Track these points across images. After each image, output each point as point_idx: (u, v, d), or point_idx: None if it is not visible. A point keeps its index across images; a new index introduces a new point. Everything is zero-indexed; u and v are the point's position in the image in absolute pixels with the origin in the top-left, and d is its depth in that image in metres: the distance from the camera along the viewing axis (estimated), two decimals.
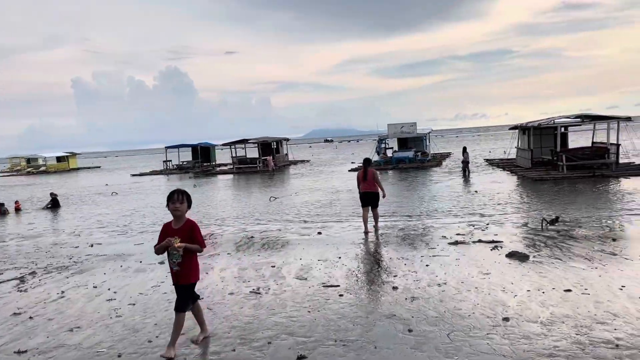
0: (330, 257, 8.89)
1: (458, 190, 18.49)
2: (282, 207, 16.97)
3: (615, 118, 21.92)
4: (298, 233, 12.00)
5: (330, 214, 14.59)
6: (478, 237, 10.01)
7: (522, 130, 26.83)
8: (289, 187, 24.15)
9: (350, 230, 11.83)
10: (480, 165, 29.39)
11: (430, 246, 9.33)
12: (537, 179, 20.25)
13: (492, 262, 7.78)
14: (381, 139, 35.51)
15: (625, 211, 12.03)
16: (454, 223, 11.95)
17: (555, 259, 7.76)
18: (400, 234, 10.97)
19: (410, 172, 27.82)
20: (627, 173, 20.04)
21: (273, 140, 43.05)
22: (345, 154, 57.21)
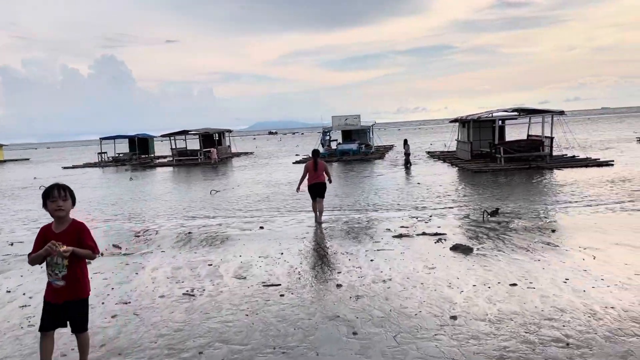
0: (272, 254, 8.45)
1: (401, 183, 18.52)
2: (224, 200, 16.33)
3: (549, 112, 22.73)
4: (239, 228, 11.47)
5: (274, 208, 14.14)
6: (422, 229, 9.88)
7: (462, 123, 27.36)
8: (232, 180, 23.43)
9: (293, 224, 11.43)
10: (422, 158, 29.78)
11: (375, 240, 9.08)
12: (477, 170, 20.65)
13: (437, 256, 7.62)
14: (325, 131, 35.32)
15: (561, 202, 12.34)
16: (398, 215, 11.82)
17: (498, 252, 7.70)
18: (345, 227, 10.69)
19: (355, 164, 27.77)
20: (560, 165, 20.81)
21: (215, 132, 41.88)
22: (290, 146, 56.73)
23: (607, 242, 7.92)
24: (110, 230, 12.26)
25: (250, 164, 33.49)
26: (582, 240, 8.13)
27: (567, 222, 9.91)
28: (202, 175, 26.86)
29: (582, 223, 9.71)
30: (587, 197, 12.80)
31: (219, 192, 18.53)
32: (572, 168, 19.96)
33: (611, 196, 12.66)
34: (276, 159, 36.63)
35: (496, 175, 19.11)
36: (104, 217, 14.21)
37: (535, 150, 22.34)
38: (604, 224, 9.49)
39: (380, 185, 17.92)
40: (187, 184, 23.13)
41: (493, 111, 24.62)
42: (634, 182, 14.79)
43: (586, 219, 10.07)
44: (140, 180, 26.48)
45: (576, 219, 10.21)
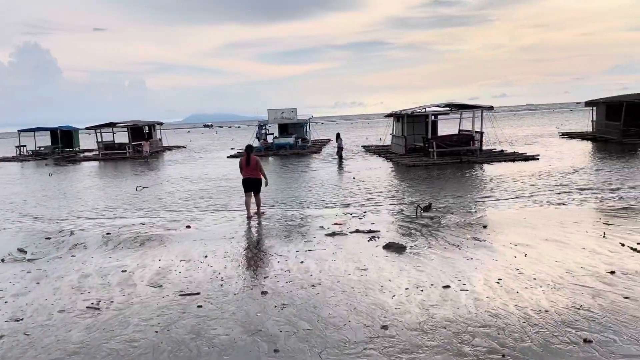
0: (195, 257, 7.81)
1: (337, 178, 18.25)
2: (151, 197, 15.35)
3: (479, 107, 23.25)
4: (164, 227, 10.70)
5: (203, 205, 13.39)
6: (355, 226, 9.56)
7: (396, 118, 27.52)
8: (160, 175, 22.26)
9: (222, 223, 10.79)
10: (357, 152, 29.76)
11: (307, 239, 8.65)
12: (411, 165, 20.76)
13: (370, 256, 7.29)
14: (261, 124, 34.51)
15: (491, 196, 12.46)
16: (333, 212, 11.47)
17: (431, 250, 7.48)
18: (277, 225, 10.19)
19: (291, 159, 27.27)
20: (489, 159, 21.32)
21: (145, 125, 39.97)
22: (225, 140, 55.35)
23: (537, 238, 7.92)
24: (20, 232, 11.11)
25: (182, 158, 32.16)
26: (513, 237, 8.09)
27: (498, 217, 9.93)
28: (129, 170, 25.41)
29: (511, 218, 9.75)
30: (515, 191, 13.02)
31: (145, 189, 17.47)
32: (501, 162, 20.50)
33: (537, 190, 12.95)
34: (210, 153, 35.45)
35: (429, 170, 19.27)
36: (14, 217, 12.91)
37: (466, 144, 22.79)
38: (533, 218, 9.57)
39: (316, 181, 17.55)
40: (112, 180, 21.72)
41: (426, 106, 24.89)
42: (557, 177, 15.27)
43: (515, 214, 10.14)
44: (61, 175, 24.65)
45: (506, 213, 10.27)
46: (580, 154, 22.31)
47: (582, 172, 16.01)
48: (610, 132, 27.67)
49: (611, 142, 26.40)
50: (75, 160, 35.02)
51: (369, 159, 25.52)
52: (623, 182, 13.56)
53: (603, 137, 28.00)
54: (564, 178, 14.88)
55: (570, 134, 33.44)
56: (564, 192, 12.41)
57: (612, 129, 27.52)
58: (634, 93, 29.96)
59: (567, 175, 15.37)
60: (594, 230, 8.28)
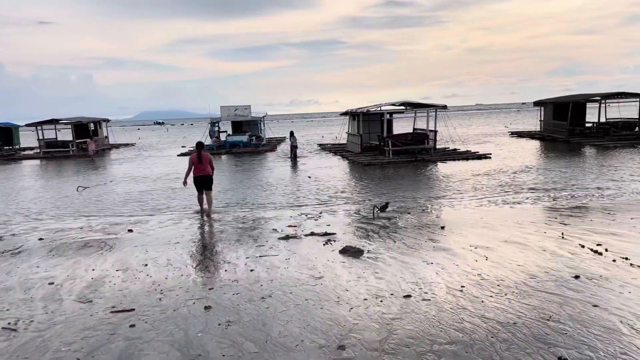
0: (134, 265, 7.11)
1: (292, 177, 17.73)
2: (92, 198, 14.34)
3: (433, 106, 23.29)
4: (103, 231, 9.87)
5: (149, 206, 12.56)
6: (310, 229, 9.08)
7: (352, 116, 27.27)
8: (105, 175, 21.06)
9: (168, 226, 10.07)
10: (313, 150, 29.34)
11: (259, 243, 8.09)
12: (366, 163, 20.51)
13: (325, 262, 6.81)
14: (214, 122, 33.49)
15: (447, 196, 12.27)
16: (287, 213, 10.95)
17: (389, 254, 7.09)
18: (227, 228, 9.56)
19: (245, 157, 26.53)
20: (443, 158, 21.36)
21: (90, 121, 38.06)
22: (176, 137, 53.70)
23: (496, 240, 7.68)
24: None
25: (129, 156, 30.76)
26: (472, 238, 7.82)
27: (455, 217, 9.69)
28: (72, 170, 23.97)
29: (469, 218, 9.53)
30: (471, 190, 12.90)
31: (87, 189, 16.39)
32: (455, 161, 20.56)
33: (492, 189, 12.88)
34: (160, 151, 34.14)
35: (385, 168, 19.06)
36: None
37: (421, 143, 22.79)
38: (490, 218, 9.38)
39: (270, 180, 16.97)
40: (51, 180, 20.35)
41: (382, 105, 24.75)
42: (509, 175, 15.33)
43: (472, 214, 9.94)
44: None
45: (463, 213, 10.05)
46: (530, 152, 22.71)
47: (534, 170, 16.17)
48: (557, 131, 28.43)
49: (559, 141, 27.11)
50: (14, 159, 32.89)
51: (324, 157, 25.13)
52: (574, 181, 13.71)
53: (551, 137, 28.74)
54: (517, 176, 14.95)
55: (519, 133, 34.24)
56: (518, 191, 12.37)
57: (559, 129, 28.28)
58: (580, 94, 30.97)
59: (519, 174, 15.47)
60: (552, 231, 8.14)
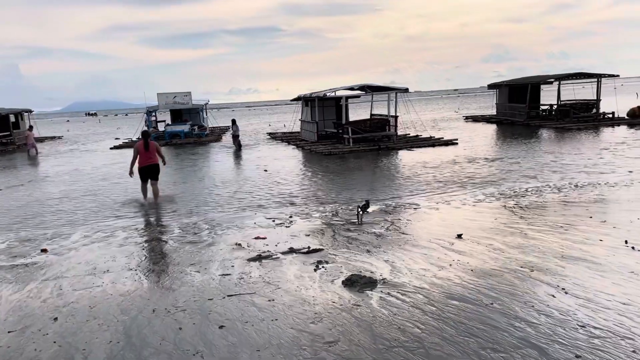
0: (37, 319, 4.79)
1: (245, 171, 15.56)
2: (3, 205, 11.62)
3: (394, 89, 21.69)
4: (7, 253, 7.45)
5: (73, 213, 10.09)
6: (286, 241, 7.10)
7: (305, 101, 25.27)
8: (23, 173, 17.98)
9: (96, 242, 7.77)
10: (262, 140, 27.14)
11: (222, 269, 5.96)
12: (326, 153, 18.66)
13: (328, 305, 4.63)
14: (150, 110, 30.43)
15: (434, 191, 10.61)
16: (248, 217, 8.90)
17: (417, 282, 5.07)
18: (176, 245, 7.37)
19: (187, 149, 23.94)
20: (408, 145, 19.86)
21: (10, 112, 33.81)
22: (110, 129, 49.57)
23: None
24: None
25: (55, 151, 27.28)
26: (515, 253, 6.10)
27: (462, 220, 8.01)
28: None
29: (482, 220, 7.87)
30: (457, 182, 11.33)
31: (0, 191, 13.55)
32: (421, 148, 19.10)
33: (482, 179, 11.37)
34: (91, 144, 30.72)
35: (347, 159, 17.28)
36: None
37: (382, 129, 21.20)
38: (510, 219, 7.77)
39: (219, 175, 14.73)
40: None
41: (336, 89, 22.90)
42: (481, 162, 13.95)
43: (481, 214, 8.30)
44: None
45: (468, 213, 8.39)
46: (494, 137, 21.67)
47: (510, 156, 14.87)
48: (514, 114, 27.74)
49: (517, 124, 26.37)
50: None
51: (277, 147, 23.04)
52: (564, 167, 12.46)
53: (508, 120, 28.02)
54: (498, 164, 13.57)
55: (474, 117, 33.51)
56: (516, 180, 10.91)
57: (516, 111, 27.59)
58: (535, 75, 30.46)
59: (496, 161, 14.11)
60: (604, 234, 6.54)
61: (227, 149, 22.89)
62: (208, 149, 23.62)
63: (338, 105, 24.50)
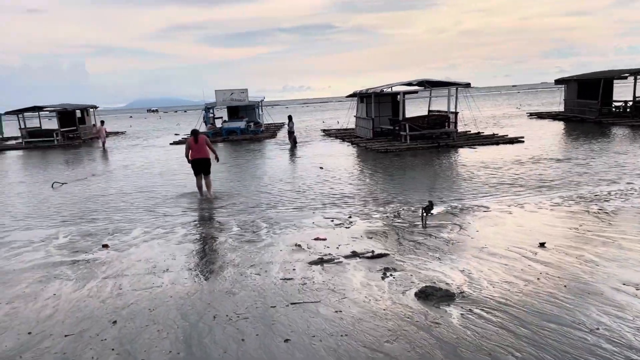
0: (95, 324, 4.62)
1: (300, 168, 15.30)
2: (68, 198, 11.92)
3: (455, 84, 20.84)
4: (69, 249, 7.50)
5: (134, 207, 10.14)
6: (347, 244, 6.73)
7: (361, 98, 24.79)
8: (88, 167, 18.57)
9: (155, 239, 7.69)
10: (316, 137, 26.89)
11: (283, 272, 5.66)
12: (382, 150, 18.14)
13: (402, 320, 4.18)
14: (208, 107, 30.85)
15: (502, 192, 9.92)
16: (306, 217, 8.60)
17: (502, 297, 4.57)
18: (233, 242, 7.17)
19: (243, 145, 24.06)
20: (470, 142, 19.01)
21: (76, 108, 35.30)
22: (169, 125, 50.97)
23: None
24: None
25: (118, 145, 28.18)
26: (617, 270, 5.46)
27: (541, 225, 7.36)
28: (55, 161, 21.45)
29: (563, 226, 7.19)
30: (530, 183, 10.57)
31: (65, 185, 13.96)
32: (484, 146, 18.21)
33: (558, 180, 10.55)
34: (151, 140, 31.56)
35: (403, 156, 16.70)
36: None
37: (440, 126, 20.42)
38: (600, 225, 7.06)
39: (276, 172, 14.55)
40: (27, 174, 17.85)
41: (393, 84, 22.28)
42: (551, 162, 13.00)
43: (561, 219, 7.60)
44: None
45: (548, 218, 7.71)
46: (563, 135, 20.39)
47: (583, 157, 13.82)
48: (584, 111, 26.09)
49: (588, 121, 24.76)
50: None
51: (331, 144, 22.71)
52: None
53: (577, 117, 26.36)
54: (572, 163, 12.61)
55: (539, 114, 31.85)
56: (595, 183, 10.05)
57: (586, 108, 25.93)
58: (608, 70, 28.55)
59: (568, 161, 13.13)
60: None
61: (282, 145, 22.79)
62: (263, 145, 23.64)
63: (394, 101, 23.86)
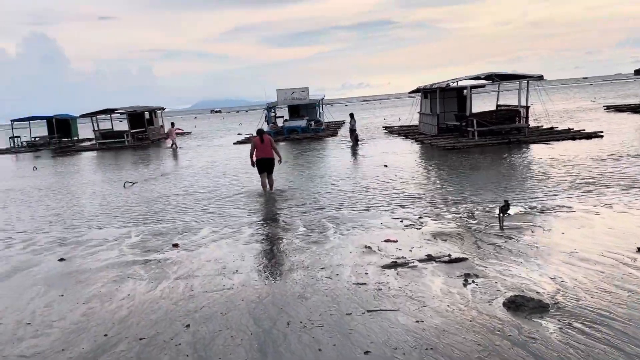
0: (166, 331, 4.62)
1: (363, 166, 14.99)
2: (138, 197, 12.28)
3: (526, 77, 19.81)
4: (141, 247, 7.64)
5: (201, 206, 10.25)
6: (420, 246, 6.40)
7: (424, 93, 24.14)
8: (157, 167, 19.20)
9: (223, 238, 7.69)
10: (378, 134, 26.46)
11: (356, 277, 5.40)
12: (449, 147, 17.51)
13: (491, 333, 3.79)
14: (270, 106, 31.17)
15: (585, 191, 9.19)
16: (373, 217, 8.32)
17: (596, 316, 4.02)
18: (300, 242, 7.02)
19: (304, 144, 24.07)
20: (543, 138, 17.99)
21: (145, 110, 36.80)
22: (232, 125, 52.13)
23: None
24: None
25: (186, 145, 29.04)
26: None
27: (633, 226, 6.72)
28: (125, 161, 22.39)
29: None
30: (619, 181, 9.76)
31: (136, 184, 14.44)
32: (559, 141, 17.16)
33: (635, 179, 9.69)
34: (215, 139, 32.31)
35: (471, 153, 16.02)
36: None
37: (510, 121, 19.47)
38: None
39: (338, 170, 14.34)
40: (100, 174, 18.69)
41: (459, 79, 21.50)
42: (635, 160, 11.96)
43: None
44: (47, 169, 21.65)
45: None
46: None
47: None
48: None
49: None
50: (70, 151, 32.06)
51: (393, 141, 22.25)
52: None
53: None
54: None
55: (617, 107, 29.78)
56: None
57: None
58: None
59: None
60: None
61: (343, 144, 22.58)
62: (325, 144, 23.53)
63: (460, 96, 23.06)
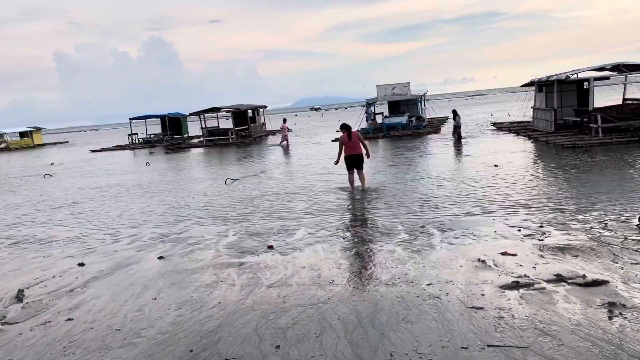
0: (254, 352, 4.26)
1: (470, 166, 13.87)
2: (238, 194, 12.36)
3: None
4: (236, 248, 7.46)
5: (301, 209, 9.97)
6: (547, 262, 5.48)
7: (539, 87, 22.15)
8: (258, 163, 19.47)
9: (320, 241, 7.30)
10: (485, 131, 24.79)
11: (467, 301, 4.64)
12: (569, 145, 15.78)
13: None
14: (369, 103, 30.58)
15: None
16: (485, 224, 7.44)
17: None
18: (403, 253, 6.39)
19: (404, 141, 23.17)
20: None
21: (248, 108, 37.99)
22: (331, 122, 52.31)
23: None
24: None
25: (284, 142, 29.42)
26: None
27: None
28: (229, 157, 23.09)
29: None
30: None
31: (236, 181, 14.64)
32: None
33: None
34: (314, 137, 32.41)
35: (595, 152, 14.24)
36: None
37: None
38: None
39: (442, 170, 13.39)
40: (206, 169, 19.36)
41: (580, 70, 19.36)
42: None
43: None
44: (159, 164, 22.94)
45: None
46: None
47: None
48: None
49: None
50: (181, 148, 34.01)
51: (503, 138, 20.65)
52: None
53: None
54: None
55: None
56: None
57: None
58: None
59: None
60: None
61: (446, 141, 21.39)
62: (426, 141, 22.47)
63: (580, 89, 20.87)
